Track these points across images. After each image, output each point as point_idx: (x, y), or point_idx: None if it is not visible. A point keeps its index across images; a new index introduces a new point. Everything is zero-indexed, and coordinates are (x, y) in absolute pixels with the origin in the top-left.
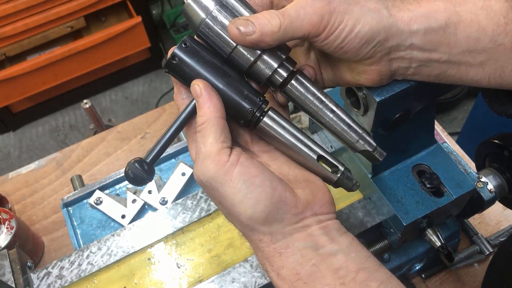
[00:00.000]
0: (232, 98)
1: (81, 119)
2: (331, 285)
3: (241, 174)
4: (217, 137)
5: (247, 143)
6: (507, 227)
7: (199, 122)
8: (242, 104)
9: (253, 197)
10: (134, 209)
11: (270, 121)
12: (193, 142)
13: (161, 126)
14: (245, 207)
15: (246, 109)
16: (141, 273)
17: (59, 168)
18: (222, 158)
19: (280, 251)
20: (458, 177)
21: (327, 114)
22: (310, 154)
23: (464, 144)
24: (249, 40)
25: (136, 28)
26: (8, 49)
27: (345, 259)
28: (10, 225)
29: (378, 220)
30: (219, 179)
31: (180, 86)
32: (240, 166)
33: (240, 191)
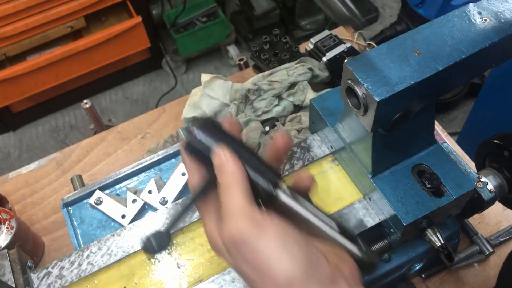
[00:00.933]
0: (251, 173)
1: (81, 119)
2: None
3: (277, 229)
4: (246, 193)
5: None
6: (507, 227)
7: (223, 180)
8: (261, 181)
9: (290, 254)
10: (134, 209)
11: (288, 198)
12: (208, 213)
13: (161, 126)
14: (282, 265)
15: (265, 186)
16: (141, 273)
17: (59, 168)
18: (256, 213)
19: None
20: (458, 177)
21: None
22: (332, 230)
23: (464, 144)
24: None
25: (136, 28)
26: (8, 49)
27: None
28: (10, 225)
29: (378, 220)
30: (253, 234)
31: (195, 168)
32: (275, 222)
33: (276, 248)
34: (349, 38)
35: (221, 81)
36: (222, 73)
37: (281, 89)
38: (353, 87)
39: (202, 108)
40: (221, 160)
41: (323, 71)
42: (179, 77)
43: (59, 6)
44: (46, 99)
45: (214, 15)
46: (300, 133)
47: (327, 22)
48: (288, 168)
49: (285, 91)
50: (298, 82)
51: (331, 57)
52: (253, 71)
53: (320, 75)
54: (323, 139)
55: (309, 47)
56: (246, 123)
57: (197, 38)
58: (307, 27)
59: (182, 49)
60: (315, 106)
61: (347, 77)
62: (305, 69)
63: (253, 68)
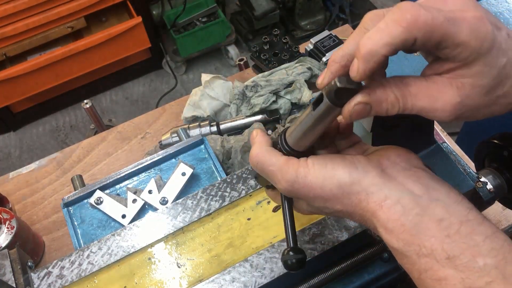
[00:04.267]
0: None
1: (82, 119)
2: (436, 237)
3: (315, 160)
4: (276, 154)
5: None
6: (507, 227)
7: (252, 157)
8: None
9: (331, 168)
10: (134, 209)
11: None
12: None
13: (161, 126)
14: (329, 179)
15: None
16: (141, 272)
17: (59, 168)
18: (293, 161)
19: (381, 203)
20: (458, 177)
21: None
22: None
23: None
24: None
25: (136, 28)
26: (9, 49)
27: (445, 210)
28: (11, 225)
29: None
30: (301, 174)
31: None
32: (310, 158)
33: (320, 171)
34: None
35: (221, 81)
36: (222, 73)
37: (279, 85)
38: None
39: (202, 108)
40: (253, 137)
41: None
42: (179, 77)
43: (59, 7)
44: (47, 99)
45: (214, 15)
46: None
47: (327, 23)
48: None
49: (283, 89)
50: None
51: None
52: (253, 71)
53: None
54: None
55: (309, 47)
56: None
57: (197, 38)
58: (307, 27)
59: (182, 49)
60: None
61: None
62: (304, 69)
63: (253, 68)
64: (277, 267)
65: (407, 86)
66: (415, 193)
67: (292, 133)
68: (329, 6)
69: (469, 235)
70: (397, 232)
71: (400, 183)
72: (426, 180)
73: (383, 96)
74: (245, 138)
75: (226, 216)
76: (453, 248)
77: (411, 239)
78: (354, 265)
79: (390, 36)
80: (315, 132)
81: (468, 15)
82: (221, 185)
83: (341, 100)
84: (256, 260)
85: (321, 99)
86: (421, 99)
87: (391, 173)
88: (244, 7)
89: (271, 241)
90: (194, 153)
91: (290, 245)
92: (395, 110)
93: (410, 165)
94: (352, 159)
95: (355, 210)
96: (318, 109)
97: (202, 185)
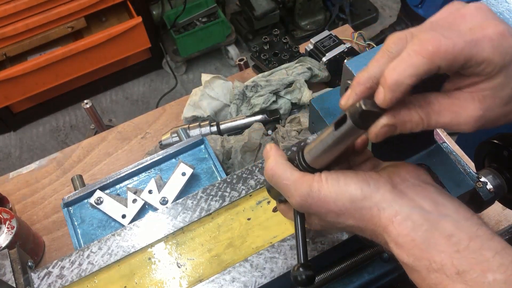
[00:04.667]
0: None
1: (82, 119)
2: (446, 252)
3: (328, 176)
4: (292, 169)
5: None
6: (507, 226)
7: (267, 170)
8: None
9: (344, 183)
10: (134, 209)
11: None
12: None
13: (161, 126)
14: (342, 194)
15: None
16: (141, 272)
17: (59, 168)
18: (308, 176)
19: (392, 219)
20: (458, 177)
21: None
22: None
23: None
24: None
25: (136, 29)
26: (9, 49)
27: (455, 225)
28: (11, 225)
29: None
30: (314, 189)
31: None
32: (323, 174)
33: (333, 186)
34: (348, 38)
35: (221, 81)
36: (222, 73)
37: (279, 85)
38: None
39: (202, 108)
40: (267, 151)
41: (322, 71)
42: (179, 77)
43: (59, 7)
44: (47, 99)
45: (214, 15)
46: (300, 134)
47: (327, 23)
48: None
49: (283, 89)
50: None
51: (331, 57)
52: (253, 71)
53: (320, 75)
54: None
55: (309, 47)
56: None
57: (197, 38)
58: (307, 28)
59: (182, 49)
60: (315, 106)
61: (347, 77)
62: (304, 69)
63: (253, 68)
64: (277, 267)
65: (430, 104)
66: (425, 208)
67: (311, 150)
68: (329, 6)
69: (478, 250)
70: (407, 247)
71: (411, 199)
72: (435, 196)
73: (407, 117)
74: (245, 138)
75: (226, 216)
76: (463, 263)
77: (421, 254)
78: (354, 265)
79: (414, 67)
80: (334, 152)
81: (489, 31)
82: (221, 185)
83: (365, 122)
84: (256, 260)
85: (344, 120)
86: (445, 116)
87: (401, 189)
88: (244, 7)
89: (271, 241)
90: (194, 153)
91: (301, 261)
92: (419, 128)
93: (420, 181)
94: (364, 175)
95: (367, 225)
96: (340, 129)
97: (202, 185)
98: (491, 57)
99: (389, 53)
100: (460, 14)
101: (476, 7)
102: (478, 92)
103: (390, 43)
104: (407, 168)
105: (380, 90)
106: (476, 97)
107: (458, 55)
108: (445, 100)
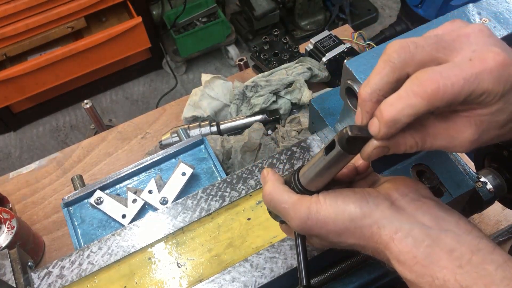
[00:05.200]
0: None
1: (82, 119)
2: (448, 267)
3: (326, 196)
4: (289, 192)
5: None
6: (506, 227)
7: (265, 195)
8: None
9: (342, 203)
10: (134, 209)
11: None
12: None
13: (161, 126)
14: (341, 214)
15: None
16: (141, 272)
17: (59, 168)
18: (306, 198)
19: (392, 236)
20: (458, 177)
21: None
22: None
23: None
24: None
25: (136, 29)
26: (9, 50)
27: (456, 240)
28: (11, 225)
29: None
30: (313, 211)
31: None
32: (321, 194)
33: (332, 206)
34: (348, 38)
35: (221, 81)
36: (222, 73)
37: (279, 85)
38: (353, 87)
39: (202, 108)
40: (264, 176)
41: (322, 71)
42: (179, 77)
43: (59, 7)
44: (47, 99)
45: (214, 15)
46: (300, 134)
47: (327, 23)
48: (288, 168)
49: (283, 89)
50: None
51: (331, 57)
52: (253, 71)
53: (320, 75)
54: (322, 139)
55: (309, 48)
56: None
57: (197, 39)
58: (307, 28)
59: (182, 49)
60: (315, 106)
61: (346, 77)
62: (304, 69)
63: (253, 68)
64: (277, 267)
65: (426, 128)
66: (426, 224)
67: (304, 174)
68: (329, 6)
69: (480, 264)
70: (409, 264)
71: (410, 215)
72: (435, 211)
73: (401, 140)
74: (245, 138)
75: (226, 216)
76: (466, 278)
77: (423, 271)
78: (354, 265)
79: (412, 108)
80: (328, 175)
81: (490, 63)
82: (221, 185)
83: (353, 147)
84: (256, 260)
85: (333, 145)
86: (440, 139)
87: (400, 205)
88: (244, 7)
89: (271, 241)
90: (194, 153)
91: (303, 283)
92: (413, 150)
93: (419, 195)
94: (363, 193)
95: (368, 243)
96: (330, 154)
97: (202, 185)
98: (491, 88)
99: (391, 64)
100: (464, 33)
101: (479, 29)
102: (475, 117)
103: (392, 52)
104: (405, 182)
105: (375, 122)
106: (473, 121)
107: (458, 95)
108: (441, 125)
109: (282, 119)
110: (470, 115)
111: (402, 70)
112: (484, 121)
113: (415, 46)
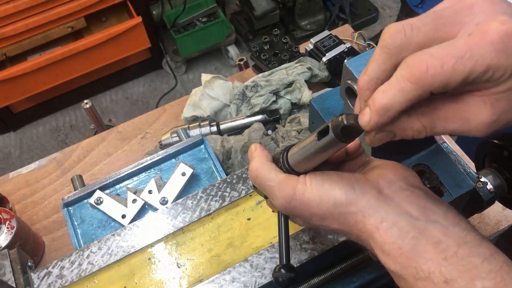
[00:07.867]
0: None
1: (82, 119)
2: (433, 260)
3: (313, 178)
4: (276, 170)
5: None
6: (506, 227)
7: (251, 170)
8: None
9: (328, 187)
10: (134, 209)
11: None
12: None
13: (161, 126)
14: (326, 198)
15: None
16: (141, 272)
17: (59, 168)
18: (292, 178)
19: (377, 225)
20: (458, 177)
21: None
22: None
23: (463, 144)
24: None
25: (136, 29)
26: (9, 49)
27: (443, 232)
28: (11, 225)
29: None
30: (298, 192)
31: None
32: (308, 176)
33: (318, 190)
34: (349, 38)
35: (221, 81)
36: (222, 73)
37: (279, 85)
38: (353, 87)
39: (202, 108)
40: (252, 151)
41: (322, 71)
42: (179, 77)
43: (59, 7)
44: (47, 99)
45: (214, 15)
46: (300, 134)
47: (327, 23)
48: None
49: (283, 89)
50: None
51: (331, 57)
52: (253, 71)
53: (320, 75)
54: None
55: (309, 47)
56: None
57: (197, 38)
58: (307, 27)
59: (182, 49)
60: (315, 106)
61: (347, 77)
62: (304, 69)
63: (253, 68)
64: None
65: (435, 110)
66: (412, 215)
67: (294, 155)
68: (329, 6)
69: (467, 257)
70: (394, 255)
71: (397, 205)
72: (423, 201)
73: (407, 124)
74: (245, 138)
75: (226, 216)
76: (451, 271)
77: (408, 262)
78: (354, 265)
79: (404, 93)
80: (317, 159)
81: (490, 35)
82: (221, 185)
83: (346, 136)
84: (256, 260)
85: (327, 131)
86: (453, 122)
87: (388, 193)
88: (244, 7)
89: (271, 241)
90: (194, 153)
91: (283, 262)
92: (422, 135)
93: (407, 184)
94: (350, 179)
95: (352, 230)
96: (322, 140)
97: (202, 185)
98: (497, 62)
99: (387, 50)
100: (467, 4)
101: None
102: (490, 96)
103: (387, 37)
104: (394, 169)
105: (366, 111)
106: (489, 101)
107: (451, 75)
108: (452, 106)
109: (282, 119)
110: (484, 94)
111: (399, 56)
112: (501, 99)
113: (411, 28)
